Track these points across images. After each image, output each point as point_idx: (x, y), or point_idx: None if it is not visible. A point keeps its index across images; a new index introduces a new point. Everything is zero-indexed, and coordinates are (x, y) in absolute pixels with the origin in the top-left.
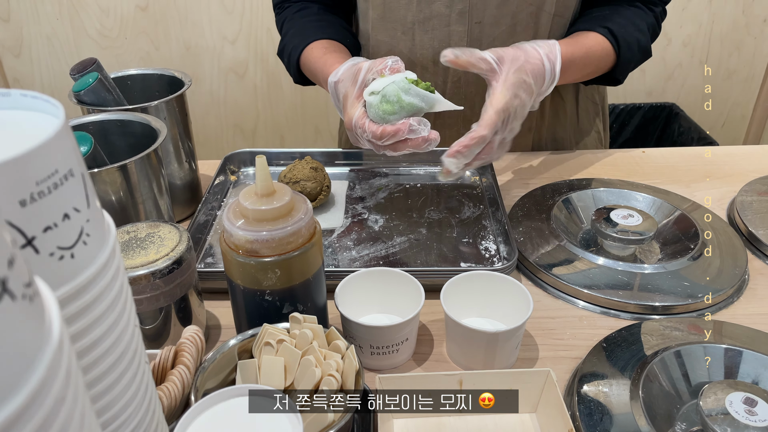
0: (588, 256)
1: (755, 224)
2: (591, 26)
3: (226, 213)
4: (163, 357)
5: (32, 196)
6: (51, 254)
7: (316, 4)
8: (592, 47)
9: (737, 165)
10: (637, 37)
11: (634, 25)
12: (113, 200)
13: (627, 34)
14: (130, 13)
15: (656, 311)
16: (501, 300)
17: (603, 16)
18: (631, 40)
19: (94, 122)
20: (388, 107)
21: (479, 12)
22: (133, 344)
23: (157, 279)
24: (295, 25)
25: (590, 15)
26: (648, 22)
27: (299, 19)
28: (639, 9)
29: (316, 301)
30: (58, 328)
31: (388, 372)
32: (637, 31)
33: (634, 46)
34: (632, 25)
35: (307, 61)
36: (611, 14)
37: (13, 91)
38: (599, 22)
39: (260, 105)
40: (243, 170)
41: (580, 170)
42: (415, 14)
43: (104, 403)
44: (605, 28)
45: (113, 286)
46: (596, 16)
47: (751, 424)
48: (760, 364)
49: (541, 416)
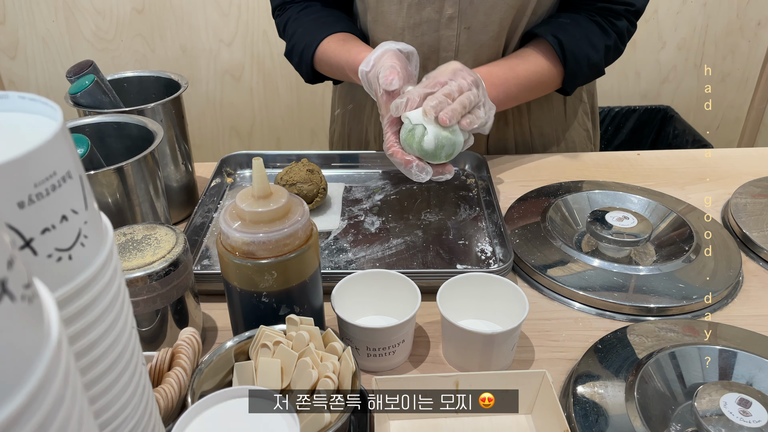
0: (583, 258)
1: (749, 226)
2: (543, 32)
3: (223, 215)
4: (159, 359)
5: (30, 197)
6: (49, 256)
7: (317, 1)
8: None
9: (732, 167)
10: (587, 52)
11: (587, 40)
12: (110, 202)
13: (576, 48)
14: (125, 15)
15: (651, 313)
16: (497, 302)
17: (559, 24)
18: (579, 55)
19: (91, 124)
20: (410, 139)
21: (468, 18)
22: (131, 346)
23: (153, 281)
24: (303, 24)
25: (550, 21)
26: (605, 41)
27: (305, 18)
28: (598, 26)
29: (313, 303)
30: (56, 329)
31: (384, 374)
32: (590, 47)
33: (583, 60)
34: (585, 40)
35: (324, 56)
36: (569, 25)
37: (11, 94)
38: (553, 30)
39: (256, 107)
40: (239, 172)
41: (575, 172)
42: (405, 20)
43: (102, 405)
44: (555, 37)
45: (111, 287)
46: (554, 23)
47: (745, 425)
48: (755, 365)
49: (537, 417)
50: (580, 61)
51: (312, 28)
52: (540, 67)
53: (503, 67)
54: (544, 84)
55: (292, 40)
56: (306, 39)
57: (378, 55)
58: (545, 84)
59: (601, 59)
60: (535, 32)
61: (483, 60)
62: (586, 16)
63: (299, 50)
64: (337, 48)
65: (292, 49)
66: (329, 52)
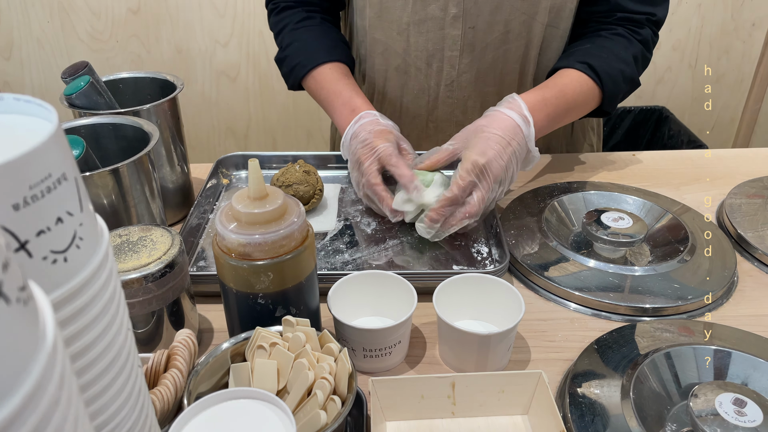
0: (579, 258)
1: (744, 227)
2: (569, 63)
3: (219, 216)
4: (155, 360)
5: (25, 200)
6: (44, 258)
7: (317, 13)
8: (567, 84)
9: (726, 168)
10: (620, 68)
11: (616, 56)
12: (105, 204)
13: (609, 67)
14: (121, 16)
15: (647, 313)
16: (493, 302)
17: (583, 51)
18: (614, 73)
19: (86, 126)
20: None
21: (473, 17)
22: (126, 348)
23: (149, 283)
24: (300, 39)
25: (570, 51)
26: (633, 52)
27: (303, 33)
28: (622, 38)
29: (309, 304)
30: (52, 331)
31: (380, 375)
32: (621, 62)
33: (618, 77)
34: (614, 57)
35: (317, 85)
36: (592, 48)
37: (6, 95)
38: (578, 57)
39: (252, 108)
40: (235, 173)
41: (571, 173)
42: (410, 15)
43: (97, 407)
44: (584, 63)
45: (106, 289)
46: (576, 51)
47: (740, 424)
48: (750, 365)
49: (533, 418)
50: (615, 79)
51: (308, 48)
52: (582, 88)
53: (553, 90)
54: (587, 106)
55: (285, 50)
56: (300, 57)
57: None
58: (587, 106)
59: (634, 71)
60: (561, 66)
61: (488, 61)
62: (606, 33)
63: (291, 64)
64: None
65: (284, 59)
66: (325, 86)
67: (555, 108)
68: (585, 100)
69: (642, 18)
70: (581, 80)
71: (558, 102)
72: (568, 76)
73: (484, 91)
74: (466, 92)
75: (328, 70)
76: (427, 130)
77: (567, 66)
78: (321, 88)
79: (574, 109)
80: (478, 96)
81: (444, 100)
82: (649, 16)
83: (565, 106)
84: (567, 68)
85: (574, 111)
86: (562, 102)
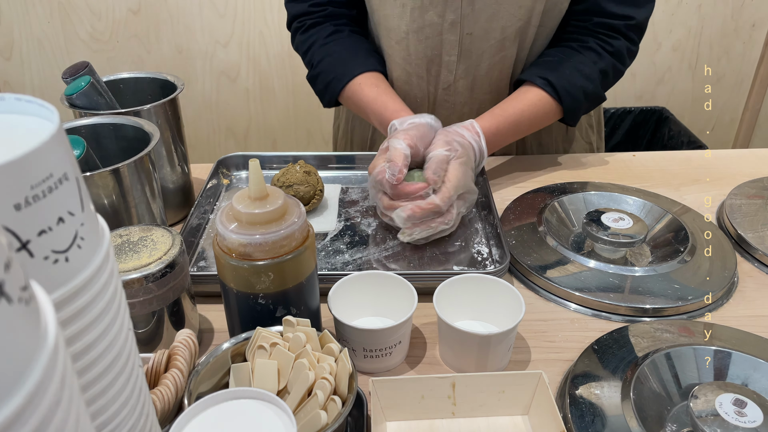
0: (579, 259)
1: (744, 227)
2: (532, 77)
3: (219, 216)
4: (156, 360)
5: (27, 199)
6: (45, 258)
7: (345, 26)
8: (523, 112)
9: (727, 169)
10: (582, 84)
11: (579, 72)
12: (105, 204)
13: (569, 85)
14: (121, 16)
15: (647, 314)
16: (493, 303)
17: (547, 64)
18: (573, 90)
19: (87, 126)
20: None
21: (470, 24)
22: (127, 348)
23: (149, 283)
24: (332, 53)
25: (538, 62)
26: (599, 67)
27: (334, 47)
28: (592, 52)
29: (310, 304)
30: (53, 331)
31: (381, 375)
32: (583, 79)
33: (579, 94)
34: (577, 73)
35: (354, 95)
36: (557, 62)
37: (7, 95)
38: (543, 71)
39: (252, 108)
40: (236, 174)
41: (571, 174)
42: (408, 24)
43: (98, 407)
44: (545, 80)
45: (107, 289)
46: (541, 62)
47: (740, 425)
48: (750, 365)
49: (533, 418)
50: (575, 95)
51: (342, 61)
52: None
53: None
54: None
55: (318, 67)
56: (335, 71)
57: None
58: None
59: (597, 87)
60: (523, 78)
61: (484, 68)
62: (576, 45)
63: (326, 80)
64: (371, 94)
65: (317, 75)
66: (361, 95)
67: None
68: (542, 120)
69: (619, 24)
70: (538, 102)
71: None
72: (526, 99)
73: (480, 98)
74: (462, 97)
75: (360, 85)
76: None
77: (529, 79)
78: (356, 104)
79: (528, 130)
80: (474, 101)
81: (441, 104)
82: (627, 21)
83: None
84: (528, 83)
85: (528, 130)
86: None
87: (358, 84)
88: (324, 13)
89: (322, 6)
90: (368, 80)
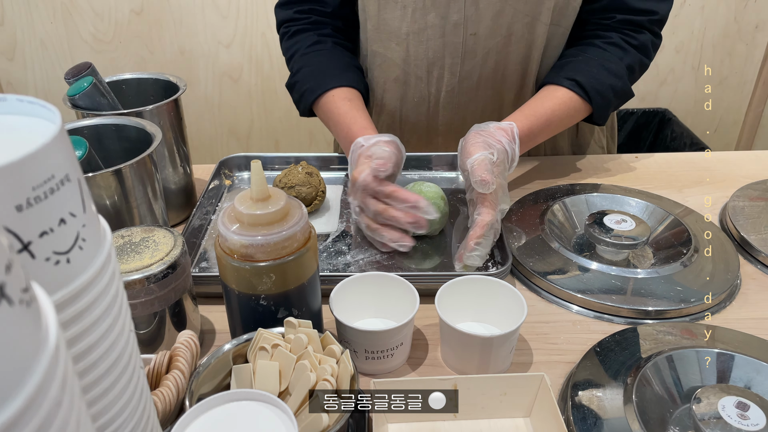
0: (581, 260)
1: (747, 229)
2: (557, 79)
3: (221, 218)
4: (157, 362)
5: (28, 201)
6: (47, 259)
7: (329, 36)
8: (555, 111)
9: (729, 170)
10: (610, 83)
11: (606, 70)
12: (107, 204)
13: (597, 83)
14: (124, 17)
15: (649, 316)
16: (495, 305)
17: (573, 64)
18: (602, 88)
19: (89, 126)
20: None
21: (474, 24)
22: (128, 349)
23: (151, 284)
24: (310, 63)
25: (561, 62)
26: (626, 63)
27: (314, 58)
28: (616, 48)
29: (311, 305)
30: (54, 332)
31: (382, 377)
32: (611, 76)
33: (608, 92)
34: (604, 71)
35: (327, 109)
36: (582, 62)
37: (9, 96)
38: (568, 72)
39: (255, 109)
40: (238, 174)
41: (573, 175)
42: (409, 25)
43: (99, 408)
44: (572, 80)
45: (109, 290)
46: (566, 63)
47: (743, 428)
48: (753, 368)
49: (535, 421)
50: (605, 94)
51: (319, 73)
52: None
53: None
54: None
55: (296, 76)
56: (310, 82)
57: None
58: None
59: (625, 84)
60: (550, 81)
61: (490, 66)
62: (600, 42)
63: (301, 90)
64: (342, 107)
65: (294, 84)
66: (332, 107)
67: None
68: (571, 119)
69: (642, 20)
70: (568, 101)
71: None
72: (555, 97)
73: (486, 95)
74: (466, 97)
75: (333, 97)
76: (428, 136)
77: (555, 83)
78: (328, 117)
79: (557, 130)
80: (479, 100)
81: (444, 107)
82: (650, 16)
83: (548, 133)
84: (555, 85)
85: (558, 131)
86: (547, 131)
87: (332, 96)
88: (309, 20)
89: (306, 14)
90: (342, 94)
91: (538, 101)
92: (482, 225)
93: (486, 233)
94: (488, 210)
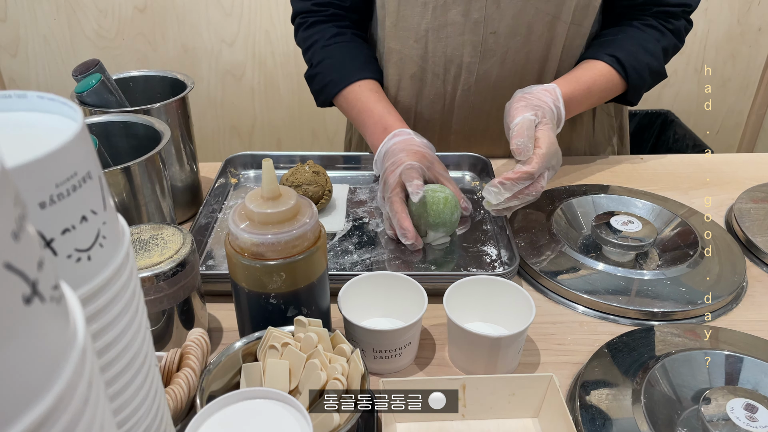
0: (588, 261)
1: (753, 231)
2: (598, 54)
3: (232, 216)
4: (168, 359)
5: (52, 198)
6: (69, 256)
7: (347, 28)
8: (595, 81)
9: (734, 173)
10: (647, 62)
11: (644, 49)
12: (116, 202)
13: (635, 61)
14: (127, 14)
15: (656, 317)
16: (503, 305)
17: (612, 42)
18: (640, 66)
19: (98, 124)
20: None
21: (495, 22)
22: (145, 346)
23: (160, 281)
24: (332, 56)
25: (600, 40)
26: (662, 45)
27: (336, 50)
28: (654, 30)
29: (320, 304)
30: (82, 330)
31: (390, 376)
32: (648, 56)
33: (644, 71)
34: (642, 50)
35: (349, 103)
36: (621, 40)
37: (29, 93)
38: (607, 49)
39: (257, 107)
40: (243, 173)
41: (580, 176)
42: (429, 22)
43: (117, 405)
44: (612, 56)
45: (128, 287)
46: (605, 41)
47: (752, 430)
48: (760, 370)
49: (544, 421)
50: (641, 72)
51: (341, 65)
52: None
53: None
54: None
55: (316, 68)
56: (333, 74)
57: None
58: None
59: (661, 64)
60: (590, 56)
61: (508, 65)
62: (638, 23)
63: (324, 81)
64: (372, 98)
65: (315, 76)
66: (361, 97)
67: (577, 107)
68: (609, 93)
69: (678, 10)
70: (608, 74)
71: (583, 100)
72: (596, 69)
73: (502, 94)
74: (482, 96)
75: (359, 88)
76: (441, 134)
77: (595, 57)
78: (353, 107)
79: (596, 101)
80: (495, 99)
81: (460, 105)
82: (685, 8)
83: (587, 103)
84: (595, 60)
85: (597, 102)
86: (585, 100)
87: (357, 87)
88: (327, 13)
89: (325, 6)
90: (367, 86)
91: (580, 71)
92: (518, 171)
93: (518, 181)
94: (533, 163)
